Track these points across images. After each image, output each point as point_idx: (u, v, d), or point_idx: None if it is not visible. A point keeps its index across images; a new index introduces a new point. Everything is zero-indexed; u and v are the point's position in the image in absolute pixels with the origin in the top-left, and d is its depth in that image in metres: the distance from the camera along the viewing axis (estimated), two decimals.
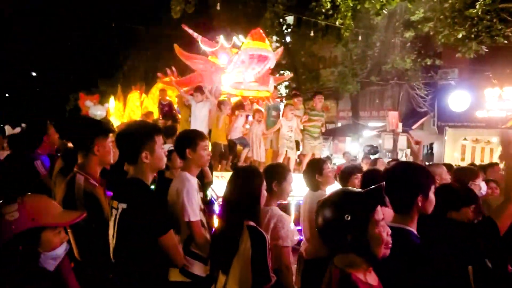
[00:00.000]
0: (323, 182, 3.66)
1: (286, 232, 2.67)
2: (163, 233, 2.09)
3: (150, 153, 2.14)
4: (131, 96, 12.44)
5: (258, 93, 7.70)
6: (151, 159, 2.14)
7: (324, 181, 3.66)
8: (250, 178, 2.42)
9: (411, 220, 1.92)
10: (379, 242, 1.48)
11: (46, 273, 1.61)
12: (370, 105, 20.25)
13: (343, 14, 13.03)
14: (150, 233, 2.06)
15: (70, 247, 2.35)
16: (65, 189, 2.37)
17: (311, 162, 4.11)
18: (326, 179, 3.67)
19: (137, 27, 18.54)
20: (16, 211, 1.52)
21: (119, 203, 2.10)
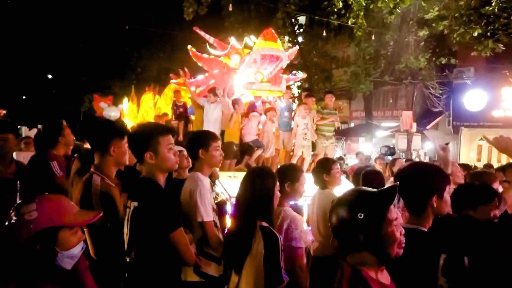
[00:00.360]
0: (330, 181, 3.69)
1: (299, 233, 2.66)
2: (173, 230, 2.09)
3: (154, 154, 2.15)
4: (145, 97, 12.56)
5: (271, 93, 7.70)
6: (156, 160, 2.16)
7: (331, 181, 3.68)
8: (263, 178, 2.42)
9: (426, 221, 1.90)
10: (392, 241, 1.47)
11: (63, 271, 1.63)
12: (383, 105, 20.05)
13: (355, 14, 12.95)
14: (160, 230, 2.08)
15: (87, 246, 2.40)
16: (82, 188, 2.42)
17: (320, 161, 4.16)
18: (334, 179, 3.69)
19: (150, 29, 18.73)
20: (34, 210, 1.55)
21: (132, 201, 2.15)
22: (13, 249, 1.54)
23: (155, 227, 2.07)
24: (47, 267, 1.59)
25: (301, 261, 2.66)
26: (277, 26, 13.95)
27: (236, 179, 5.55)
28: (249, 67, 7.24)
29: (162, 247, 2.09)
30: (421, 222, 1.89)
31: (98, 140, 2.55)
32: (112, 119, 11.56)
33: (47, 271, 1.60)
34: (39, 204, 1.58)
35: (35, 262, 1.56)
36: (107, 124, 2.81)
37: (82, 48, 28.58)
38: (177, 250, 2.11)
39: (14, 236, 1.53)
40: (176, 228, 2.11)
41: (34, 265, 1.56)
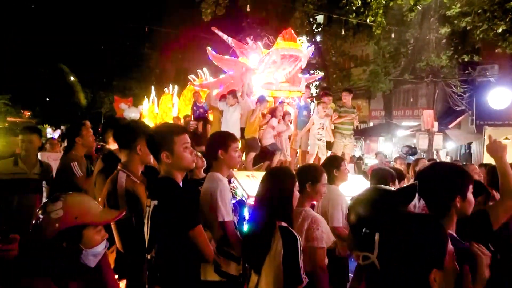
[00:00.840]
0: (339, 177, 3.73)
1: (320, 233, 2.65)
2: (192, 227, 2.12)
3: (170, 153, 2.19)
4: (164, 98, 12.72)
5: (290, 93, 7.68)
6: (172, 159, 2.20)
7: (340, 177, 3.72)
8: (283, 178, 2.43)
9: (450, 222, 1.85)
10: None
11: (87, 269, 1.68)
12: (403, 104, 19.73)
13: (374, 12, 12.79)
14: (180, 227, 2.12)
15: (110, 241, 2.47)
16: (109, 185, 2.53)
17: (330, 157, 4.27)
18: (342, 176, 3.75)
19: (169, 31, 18.95)
20: (60, 209, 1.59)
21: (152, 200, 2.19)
22: (40, 247, 1.59)
23: (175, 225, 2.11)
24: (73, 264, 1.63)
25: (322, 262, 2.65)
26: (295, 25, 13.90)
27: (254, 179, 5.56)
28: (268, 67, 7.24)
29: (182, 245, 2.12)
30: (445, 225, 1.84)
31: (125, 139, 2.67)
32: None
33: (73, 269, 1.64)
34: (64, 203, 1.62)
35: (61, 260, 1.60)
36: (135, 124, 2.93)
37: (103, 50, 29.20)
38: (196, 248, 2.14)
39: (42, 234, 1.58)
40: (196, 225, 2.14)
41: (60, 263, 1.61)
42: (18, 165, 3.91)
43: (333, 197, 3.59)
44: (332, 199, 3.56)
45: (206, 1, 13.87)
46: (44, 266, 1.58)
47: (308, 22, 16.62)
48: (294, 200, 2.43)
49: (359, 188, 3.84)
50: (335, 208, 3.49)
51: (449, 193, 1.83)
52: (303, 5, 14.53)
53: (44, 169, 4.11)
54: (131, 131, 2.68)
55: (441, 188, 1.85)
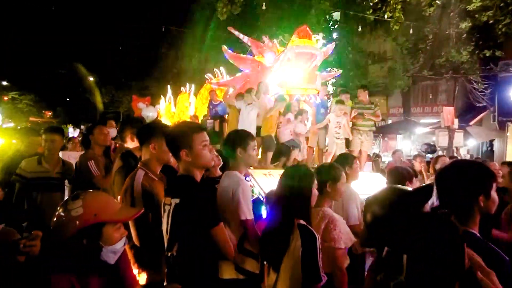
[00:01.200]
0: (351, 176, 3.70)
1: (338, 233, 2.62)
2: (214, 225, 2.15)
3: (189, 151, 2.22)
4: (181, 98, 12.83)
5: (306, 91, 7.64)
6: (191, 157, 2.22)
7: (351, 174, 3.70)
8: (301, 177, 2.41)
9: (473, 222, 1.80)
10: None
11: (107, 265, 1.70)
12: (422, 101, 19.37)
13: (392, 7, 12.60)
14: (201, 226, 2.14)
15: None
16: (128, 182, 2.60)
17: (342, 155, 4.26)
18: (354, 174, 3.74)
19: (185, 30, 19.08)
20: (80, 207, 1.62)
21: (172, 198, 2.20)
22: (61, 244, 1.62)
23: (197, 223, 2.13)
24: (93, 261, 1.66)
25: (341, 262, 2.62)
26: (311, 23, 13.78)
27: (271, 177, 5.54)
28: (283, 65, 7.22)
29: (203, 243, 2.14)
30: (468, 223, 1.80)
31: (141, 138, 2.78)
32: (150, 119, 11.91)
33: (93, 265, 1.67)
34: (84, 200, 1.65)
35: (81, 257, 1.63)
36: (151, 124, 3.04)
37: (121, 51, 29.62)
38: (217, 245, 2.16)
39: (62, 232, 1.61)
40: (217, 223, 2.17)
41: (81, 260, 1.64)
42: (42, 164, 4.00)
43: (346, 196, 3.54)
44: (346, 198, 3.52)
45: (222, 0, 13.91)
46: (65, 263, 1.61)
47: (324, 19, 16.44)
48: (312, 198, 2.41)
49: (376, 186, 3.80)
50: (350, 206, 3.46)
51: (472, 191, 1.77)
52: (319, 2, 14.41)
53: (66, 168, 4.20)
54: (146, 130, 2.79)
55: (464, 186, 1.79)
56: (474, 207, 1.78)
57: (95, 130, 4.15)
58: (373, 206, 1.56)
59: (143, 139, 2.76)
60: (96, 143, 4.15)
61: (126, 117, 24.66)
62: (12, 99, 31.43)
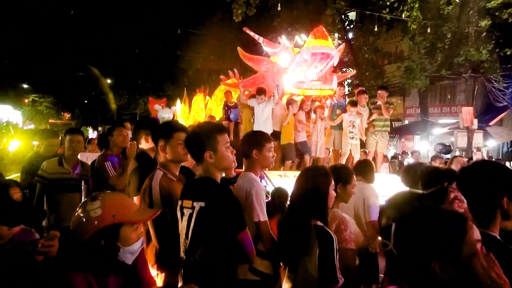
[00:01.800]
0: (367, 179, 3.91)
1: (349, 234, 2.59)
2: (241, 230, 2.13)
3: (213, 153, 2.19)
4: (196, 99, 12.90)
5: (322, 92, 7.58)
6: (215, 158, 2.19)
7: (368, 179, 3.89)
8: (318, 178, 2.39)
9: (494, 224, 1.75)
10: None
11: (125, 265, 1.72)
12: (440, 101, 19.05)
13: (409, 6, 12.43)
14: (229, 230, 2.11)
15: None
16: (147, 182, 2.61)
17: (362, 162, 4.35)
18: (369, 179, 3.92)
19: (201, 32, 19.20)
20: (99, 208, 1.64)
21: (195, 201, 2.15)
22: (80, 244, 1.64)
23: (224, 227, 2.09)
24: (111, 261, 1.67)
25: (352, 263, 2.60)
26: (326, 23, 13.70)
27: (287, 178, 5.53)
28: (299, 66, 7.18)
29: (228, 247, 2.11)
30: (489, 226, 1.75)
31: (155, 139, 2.79)
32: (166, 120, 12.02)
33: (111, 266, 1.69)
34: (102, 201, 1.67)
35: (99, 257, 1.65)
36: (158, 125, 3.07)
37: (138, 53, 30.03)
38: (242, 249, 2.14)
39: (81, 232, 1.63)
40: (244, 228, 2.15)
41: (99, 260, 1.65)
42: (63, 166, 4.08)
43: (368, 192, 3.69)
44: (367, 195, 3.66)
45: (237, 2, 13.94)
46: (83, 263, 1.63)
47: (340, 19, 16.31)
48: (329, 199, 2.40)
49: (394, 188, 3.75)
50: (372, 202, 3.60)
51: (495, 193, 1.73)
52: (335, 2, 14.30)
53: (85, 168, 4.27)
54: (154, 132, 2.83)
55: (487, 187, 1.75)
56: (497, 210, 1.74)
57: (114, 132, 4.22)
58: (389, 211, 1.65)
59: (156, 140, 2.77)
60: (115, 144, 4.22)
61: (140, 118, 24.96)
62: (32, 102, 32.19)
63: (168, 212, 2.41)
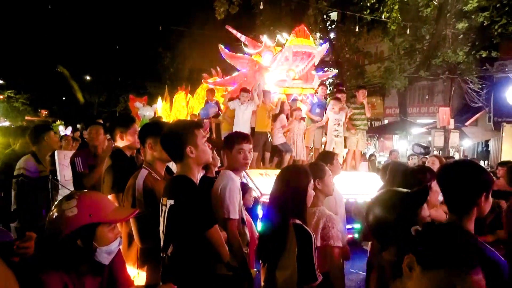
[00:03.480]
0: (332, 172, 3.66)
1: (336, 232, 2.63)
2: (209, 227, 2.14)
3: (194, 147, 2.20)
4: (177, 97, 12.79)
5: (303, 90, 7.63)
6: (196, 153, 2.21)
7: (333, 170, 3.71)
8: (298, 176, 2.41)
9: (470, 221, 1.81)
10: None
11: (102, 266, 1.69)
12: (419, 101, 19.42)
13: (389, 7, 12.63)
14: (197, 227, 2.13)
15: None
16: (131, 181, 2.59)
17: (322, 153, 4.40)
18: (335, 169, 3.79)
19: (183, 30, 19.03)
20: (75, 207, 1.60)
21: (168, 199, 2.18)
22: (55, 244, 1.60)
23: (193, 224, 2.12)
24: (87, 262, 1.64)
25: (339, 260, 2.63)
26: (308, 23, 13.78)
27: (267, 177, 5.55)
28: (281, 64, 7.21)
29: (198, 244, 2.13)
30: (465, 222, 1.81)
31: (140, 138, 2.77)
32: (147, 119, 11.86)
33: (87, 266, 1.66)
34: (79, 200, 1.63)
35: (75, 257, 1.62)
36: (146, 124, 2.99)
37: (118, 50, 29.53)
38: (213, 247, 2.15)
39: (57, 232, 1.60)
40: (212, 225, 2.16)
41: (75, 260, 1.62)
42: (41, 163, 3.99)
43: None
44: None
45: (220, 0, 13.88)
46: (58, 263, 1.60)
47: (322, 19, 16.44)
48: (308, 198, 2.41)
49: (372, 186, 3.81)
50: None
51: (476, 190, 1.79)
52: (317, 2, 14.40)
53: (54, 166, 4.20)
54: (141, 130, 2.80)
55: (469, 184, 1.81)
56: (474, 207, 1.79)
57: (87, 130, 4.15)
58: (375, 209, 1.66)
59: (140, 139, 2.75)
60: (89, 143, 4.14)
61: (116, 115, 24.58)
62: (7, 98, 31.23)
63: (151, 211, 2.39)
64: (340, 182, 3.92)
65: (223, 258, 2.22)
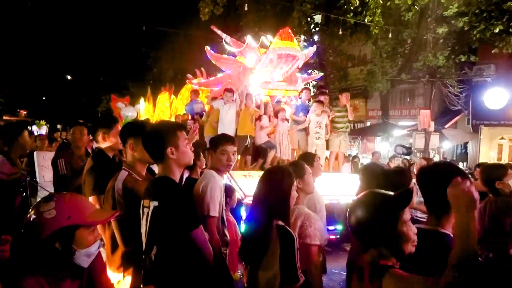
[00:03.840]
0: (313, 173, 3.66)
1: (313, 230, 2.65)
2: (194, 228, 2.13)
3: (175, 148, 2.18)
4: (161, 98, 12.67)
5: (286, 92, 7.67)
6: (176, 154, 2.19)
7: (313, 172, 3.65)
8: (281, 178, 2.41)
9: (448, 222, 1.85)
10: (407, 239, 1.61)
11: (81, 269, 1.66)
12: (400, 104, 19.76)
13: (372, 11, 12.80)
14: (182, 228, 2.11)
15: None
16: (111, 183, 2.54)
17: (304, 154, 4.31)
18: (316, 171, 3.75)
19: (167, 30, 18.88)
20: (53, 209, 1.57)
21: (151, 201, 2.15)
22: (33, 246, 1.57)
23: (177, 225, 2.10)
24: (65, 265, 1.61)
25: (316, 259, 2.65)
26: (293, 25, 13.87)
27: (251, 178, 5.55)
28: (265, 66, 7.23)
29: (183, 245, 2.12)
30: (443, 224, 1.84)
31: (121, 139, 2.73)
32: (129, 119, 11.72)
33: (65, 269, 1.62)
34: (57, 202, 1.60)
35: (53, 260, 1.58)
36: (128, 124, 2.94)
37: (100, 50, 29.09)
38: (198, 247, 2.15)
39: (34, 235, 1.56)
40: (197, 226, 2.15)
41: (53, 263, 1.59)
42: (16, 165, 3.88)
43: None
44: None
45: (204, 0, 13.83)
46: (36, 266, 1.56)
47: (306, 21, 16.56)
48: (291, 199, 2.42)
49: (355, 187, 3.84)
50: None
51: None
52: (301, 4, 14.50)
53: None
54: (122, 131, 2.75)
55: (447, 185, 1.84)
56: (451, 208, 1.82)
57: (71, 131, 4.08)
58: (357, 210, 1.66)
59: (121, 139, 2.72)
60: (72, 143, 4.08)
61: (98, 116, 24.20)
62: None
63: (132, 213, 2.36)
64: (323, 184, 3.93)
65: (207, 258, 2.21)
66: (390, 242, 1.61)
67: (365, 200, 1.69)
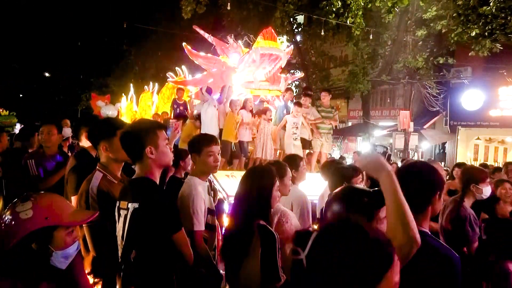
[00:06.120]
0: (298, 177, 3.71)
1: (289, 226, 2.65)
2: (177, 230, 2.11)
3: (154, 148, 2.14)
4: (143, 96, 12.54)
5: (269, 92, 7.68)
6: (156, 154, 2.14)
7: (298, 176, 3.71)
8: (263, 178, 2.41)
9: (425, 220, 1.89)
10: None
11: (58, 271, 1.62)
12: (381, 104, 20.08)
13: (354, 13, 12.95)
14: (164, 231, 2.08)
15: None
16: (85, 185, 2.44)
17: (290, 156, 4.19)
18: (301, 175, 3.74)
19: (148, 28, 18.67)
20: (30, 209, 1.53)
21: (129, 202, 2.08)
22: (9, 247, 1.53)
23: (159, 228, 2.06)
24: (42, 266, 1.57)
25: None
26: (275, 25, 13.90)
27: (234, 178, 5.54)
28: (248, 66, 7.22)
29: (163, 248, 2.08)
30: (421, 221, 1.88)
31: (92, 140, 2.59)
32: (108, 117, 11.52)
33: (42, 271, 1.59)
34: (34, 203, 1.56)
35: (30, 261, 1.55)
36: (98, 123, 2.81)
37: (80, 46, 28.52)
38: (179, 250, 2.12)
39: (10, 235, 1.52)
40: (179, 229, 2.12)
41: (29, 264, 1.55)
42: None
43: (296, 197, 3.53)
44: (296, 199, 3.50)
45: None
46: (12, 268, 1.52)
47: (289, 22, 16.64)
48: (273, 199, 2.41)
49: None
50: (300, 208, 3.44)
51: (431, 189, 1.87)
52: (284, 5, 14.55)
53: None
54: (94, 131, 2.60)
55: (424, 184, 1.88)
56: (429, 206, 1.87)
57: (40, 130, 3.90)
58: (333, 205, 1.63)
59: (93, 141, 2.59)
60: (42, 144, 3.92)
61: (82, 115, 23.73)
62: None
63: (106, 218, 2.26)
64: (305, 184, 3.94)
65: (188, 261, 2.19)
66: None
67: (341, 195, 1.67)
